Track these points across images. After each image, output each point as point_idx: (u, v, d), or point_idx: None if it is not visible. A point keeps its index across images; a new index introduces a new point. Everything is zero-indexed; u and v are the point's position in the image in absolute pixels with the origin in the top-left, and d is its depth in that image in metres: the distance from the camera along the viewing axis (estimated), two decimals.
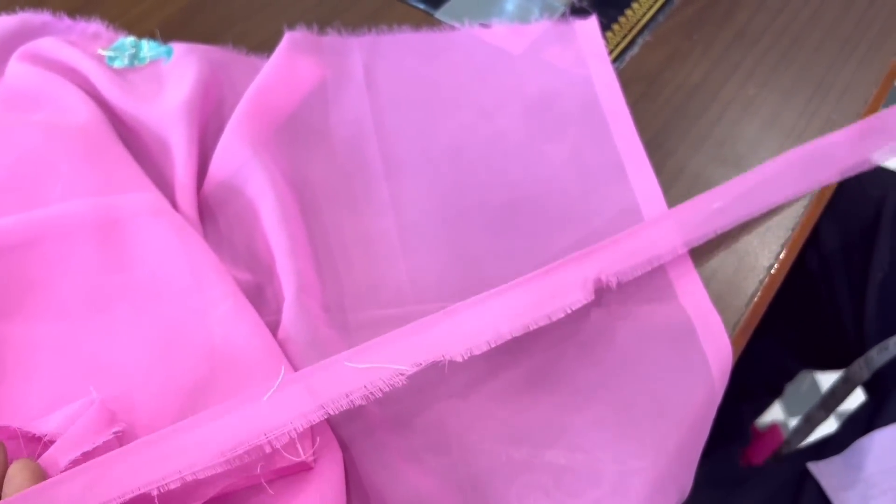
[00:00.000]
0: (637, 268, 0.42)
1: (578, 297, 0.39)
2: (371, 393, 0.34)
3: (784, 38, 0.56)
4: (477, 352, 0.37)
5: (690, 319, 0.42)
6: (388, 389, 0.34)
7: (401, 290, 0.44)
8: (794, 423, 0.99)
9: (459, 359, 0.36)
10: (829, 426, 0.67)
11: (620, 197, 0.47)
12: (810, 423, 0.80)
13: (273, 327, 0.40)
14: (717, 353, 0.41)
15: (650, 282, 0.43)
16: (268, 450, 0.32)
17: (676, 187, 0.48)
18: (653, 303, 0.42)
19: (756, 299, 0.44)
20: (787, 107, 0.52)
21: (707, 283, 0.43)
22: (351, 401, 0.34)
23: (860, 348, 0.61)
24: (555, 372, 0.40)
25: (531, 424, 0.38)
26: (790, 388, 0.82)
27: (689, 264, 0.44)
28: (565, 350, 0.41)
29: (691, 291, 0.43)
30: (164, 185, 0.46)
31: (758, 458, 0.74)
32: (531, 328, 0.38)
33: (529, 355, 0.40)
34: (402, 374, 0.35)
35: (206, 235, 0.45)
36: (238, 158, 0.46)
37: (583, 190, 0.47)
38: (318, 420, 0.33)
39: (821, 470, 0.55)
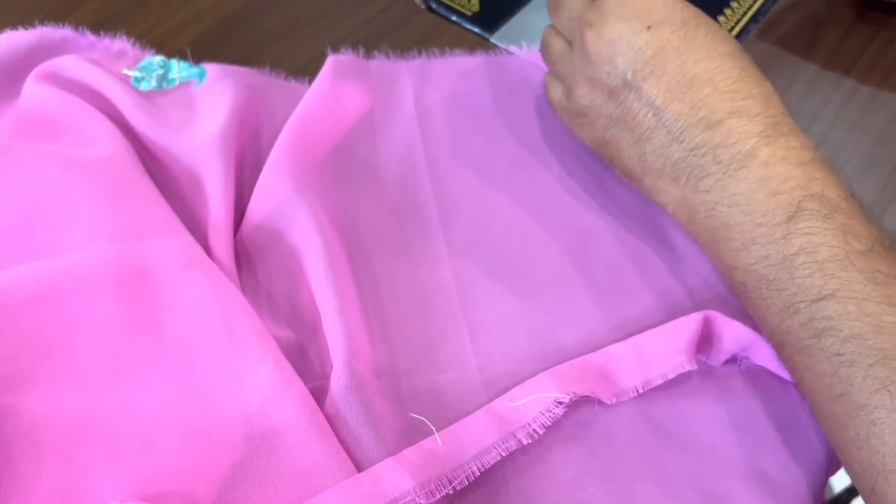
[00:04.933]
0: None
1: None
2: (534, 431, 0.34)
3: (875, 72, 0.51)
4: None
5: (790, 384, 0.37)
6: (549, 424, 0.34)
7: (461, 351, 0.38)
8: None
9: (608, 401, 0.36)
10: None
11: None
12: None
13: (316, 394, 0.35)
14: None
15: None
16: None
17: None
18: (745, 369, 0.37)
19: None
20: (882, 152, 0.47)
21: None
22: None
23: None
24: (634, 454, 0.35)
25: None
26: None
27: None
28: (644, 426, 0.36)
29: None
30: (196, 226, 0.41)
31: None
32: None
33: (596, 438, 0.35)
34: (561, 403, 0.34)
35: (242, 285, 0.40)
36: (279, 197, 0.41)
37: (667, 239, 0.42)
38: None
39: None
